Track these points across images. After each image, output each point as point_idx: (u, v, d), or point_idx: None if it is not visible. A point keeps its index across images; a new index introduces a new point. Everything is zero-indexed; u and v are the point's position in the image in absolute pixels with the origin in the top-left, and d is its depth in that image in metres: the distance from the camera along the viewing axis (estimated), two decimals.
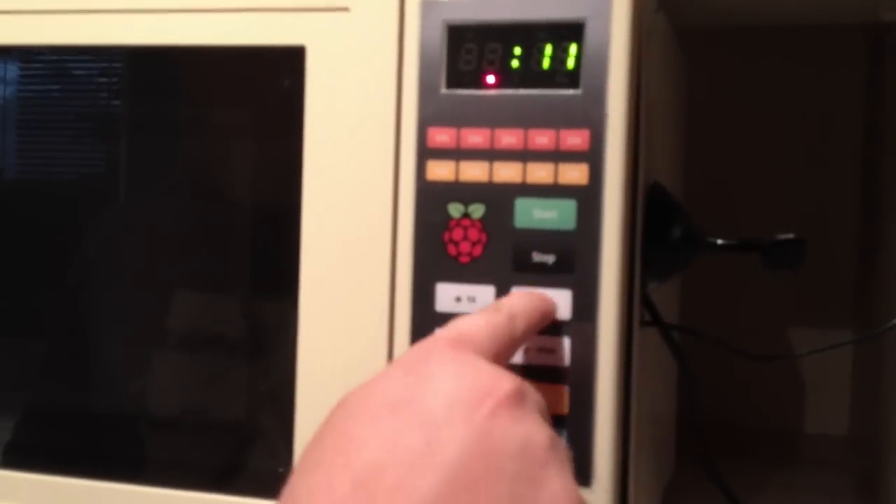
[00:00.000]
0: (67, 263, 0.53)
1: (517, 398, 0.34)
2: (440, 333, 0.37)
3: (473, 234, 0.45)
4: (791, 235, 0.46)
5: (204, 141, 0.51)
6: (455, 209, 0.45)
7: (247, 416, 0.50)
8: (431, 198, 0.46)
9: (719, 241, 0.48)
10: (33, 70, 0.54)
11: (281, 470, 0.49)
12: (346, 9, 0.47)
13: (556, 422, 0.44)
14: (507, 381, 0.34)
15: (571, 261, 0.44)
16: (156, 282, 0.52)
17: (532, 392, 0.35)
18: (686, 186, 0.73)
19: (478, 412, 0.32)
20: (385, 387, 0.34)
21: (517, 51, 0.45)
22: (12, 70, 0.54)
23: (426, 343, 0.37)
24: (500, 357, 0.38)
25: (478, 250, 0.45)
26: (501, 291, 0.45)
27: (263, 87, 0.50)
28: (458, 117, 0.45)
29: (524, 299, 0.41)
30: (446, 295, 0.45)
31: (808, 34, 0.80)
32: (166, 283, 0.52)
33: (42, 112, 0.54)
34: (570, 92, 0.44)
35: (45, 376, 0.54)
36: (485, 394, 0.33)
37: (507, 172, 0.45)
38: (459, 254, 0.45)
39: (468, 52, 0.45)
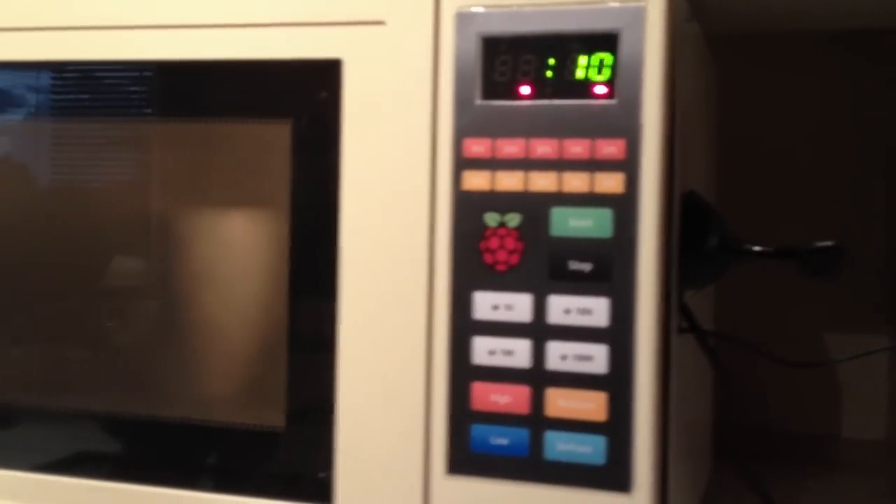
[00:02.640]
0: (105, 270, 0.54)
1: None
2: None
3: (510, 242, 0.46)
4: (829, 243, 0.46)
5: (240, 151, 0.52)
6: (491, 218, 0.46)
7: (288, 423, 0.51)
8: (468, 207, 0.46)
9: (756, 249, 0.48)
10: (66, 79, 0.55)
11: (321, 474, 0.50)
12: (381, 22, 0.48)
13: (595, 429, 0.44)
14: None
15: (608, 269, 0.44)
16: (192, 290, 0.53)
17: None
18: (720, 193, 0.73)
19: None
20: None
21: (551, 62, 0.45)
22: (45, 79, 0.55)
23: None
24: None
25: (514, 259, 0.46)
26: (539, 299, 0.45)
27: (301, 100, 0.51)
28: (494, 128, 0.46)
29: None
30: (484, 303, 0.46)
31: (842, 38, 0.79)
32: (204, 292, 0.53)
33: (76, 120, 0.55)
34: (606, 102, 0.44)
35: (89, 382, 0.55)
36: None
37: (542, 182, 0.45)
38: (496, 262, 0.46)
39: (503, 64, 0.46)
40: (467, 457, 0.46)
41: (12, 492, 0.55)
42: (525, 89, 0.46)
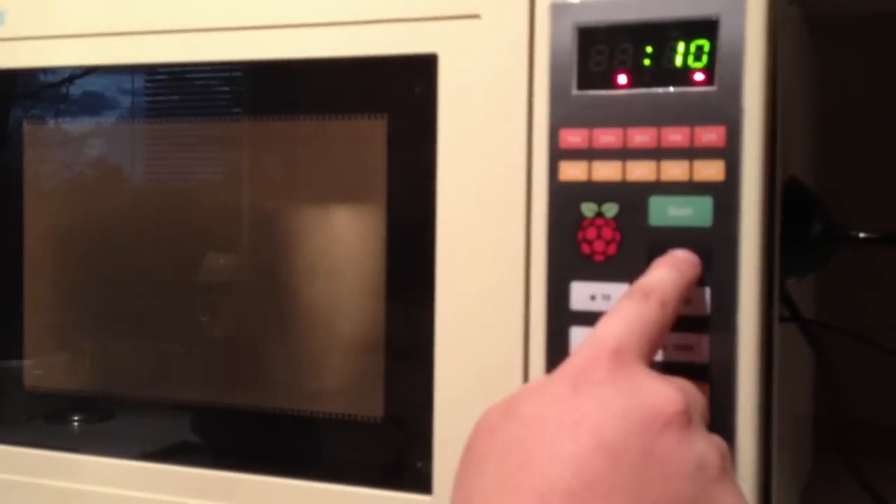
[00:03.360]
0: (202, 266, 0.56)
1: (685, 416, 0.35)
2: (599, 343, 0.37)
3: (607, 233, 0.46)
4: None
5: (336, 147, 0.53)
6: (588, 209, 0.46)
7: (386, 413, 0.52)
8: (564, 198, 0.46)
9: (862, 235, 0.47)
10: (160, 81, 0.57)
11: (419, 464, 0.50)
12: (477, 16, 0.48)
13: None
14: (674, 400, 0.35)
15: (709, 258, 0.44)
16: (290, 285, 0.55)
17: (696, 400, 0.36)
18: (819, 179, 0.71)
19: (652, 436, 0.34)
20: (560, 405, 0.35)
21: (648, 50, 0.45)
22: (139, 81, 0.57)
23: (589, 354, 0.37)
24: (655, 347, 0.39)
25: (612, 249, 0.45)
26: None
27: (396, 95, 0.52)
28: (590, 118, 0.46)
29: (672, 277, 0.41)
30: (581, 293, 0.46)
31: None
32: (302, 286, 0.54)
33: (169, 120, 0.57)
34: (705, 89, 0.44)
35: (191, 375, 0.57)
36: (656, 416, 0.34)
37: (640, 171, 0.45)
38: (594, 252, 0.46)
39: (599, 54, 0.46)
40: None
41: (119, 479, 0.57)
42: (622, 78, 0.45)
